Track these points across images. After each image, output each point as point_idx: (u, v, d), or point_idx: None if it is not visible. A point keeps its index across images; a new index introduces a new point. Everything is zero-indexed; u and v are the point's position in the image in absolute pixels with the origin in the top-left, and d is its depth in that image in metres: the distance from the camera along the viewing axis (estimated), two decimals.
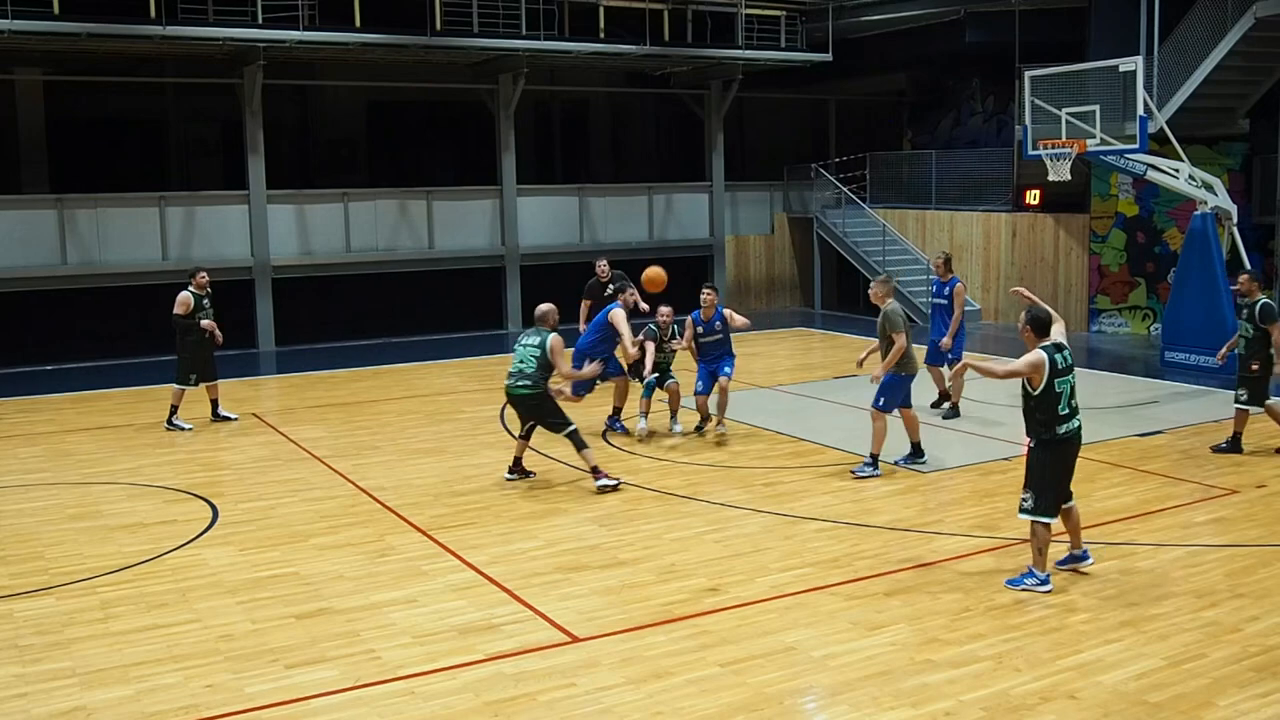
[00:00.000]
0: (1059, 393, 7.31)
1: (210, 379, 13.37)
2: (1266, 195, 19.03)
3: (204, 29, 17.96)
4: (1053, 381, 7.29)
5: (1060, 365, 7.34)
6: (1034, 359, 7.32)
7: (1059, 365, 7.33)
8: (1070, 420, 7.39)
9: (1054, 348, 7.38)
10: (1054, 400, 7.31)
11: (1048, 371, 7.28)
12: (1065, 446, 7.42)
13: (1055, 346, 7.40)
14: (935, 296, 12.96)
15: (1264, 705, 5.77)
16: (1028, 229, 20.93)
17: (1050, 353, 7.34)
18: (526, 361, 9.99)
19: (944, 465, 10.72)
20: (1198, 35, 17.65)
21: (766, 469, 10.81)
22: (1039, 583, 7.36)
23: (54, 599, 7.62)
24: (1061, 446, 7.40)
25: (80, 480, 10.91)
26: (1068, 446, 7.43)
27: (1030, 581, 7.38)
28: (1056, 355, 7.35)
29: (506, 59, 20.80)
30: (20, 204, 18.78)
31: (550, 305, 10.26)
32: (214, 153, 23.70)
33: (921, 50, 23.56)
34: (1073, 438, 7.43)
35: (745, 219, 25.29)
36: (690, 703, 5.91)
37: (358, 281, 21.00)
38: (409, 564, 8.23)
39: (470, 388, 15.62)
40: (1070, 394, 7.38)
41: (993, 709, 5.78)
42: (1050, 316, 7.59)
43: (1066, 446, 7.43)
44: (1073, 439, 7.44)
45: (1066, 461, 7.48)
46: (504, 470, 10.75)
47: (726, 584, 7.67)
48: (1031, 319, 7.50)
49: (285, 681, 6.26)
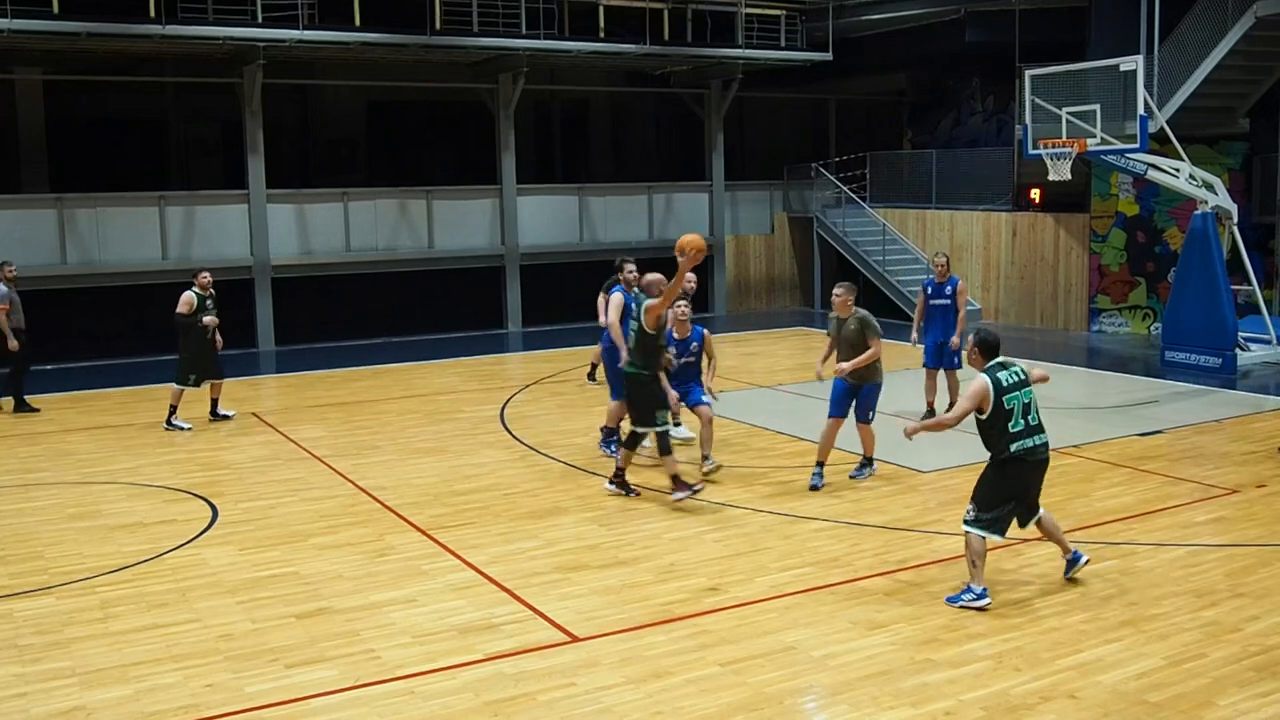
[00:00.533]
0: (1009, 409, 7.10)
1: (215, 377, 13.43)
2: (1267, 195, 19.04)
3: (204, 28, 17.96)
4: (1000, 400, 7.08)
5: (1006, 383, 7.12)
6: (975, 389, 7.11)
7: (1004, 384, 7.11)
8: (1024, 438, 7.12)
9: (998, 365, 7.19)
10: (1003, 418, 7.10)
11: (993, 393, 7.07)
12: (1016, 465, 7.15)
13: (1000, 364, 7.20)
14: (933, 298, 12.80)
15: (1264, 705, 5.77)
16: (1028, 228, 20.93)
17: (993, 372, 7.14)
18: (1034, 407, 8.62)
19: (944, 465, 10.71)
20: (1198, 34, 17.65)
21: (766, 469, 10.81)
22: (975, 597, 7.12)
23: (53, 598, 7.62)
24: (1011, 465, 7.14)
25: (80, 480, 10.91)
26: (1019, 465, 7.15)
27: (967, 597, 7.14)
28: (1001, 373, 7.14)
29: (506, 58, 20.80)
30: (20, 204, 18.79)
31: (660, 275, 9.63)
32: (214, 152, 23.70)
33: (921, 50, 23.55)
34: (1024, 456, 7.13)
35: (745, 219, 25.29)
36: (690, 702, 5.90)
37: (358, 281, 21.00)
38: (409, 564, 8.22)
39: (470, 387, 15.62)
40: (1023, 410, 7.14)
41: (992, 709, 5.78)
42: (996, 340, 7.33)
43: (1018, 465, 7.15)
44: (1024, 457, 7.14)
45: (1021, 480, 7.21)
46: (504, 470, 10.77)
47: (726, 583, 7.66)
48: (979, 341, 7.32)
49: (285, 681, 6.25)
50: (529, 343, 20.34)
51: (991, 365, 7.24)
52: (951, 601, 7.21)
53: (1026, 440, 7.17)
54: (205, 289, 13.24)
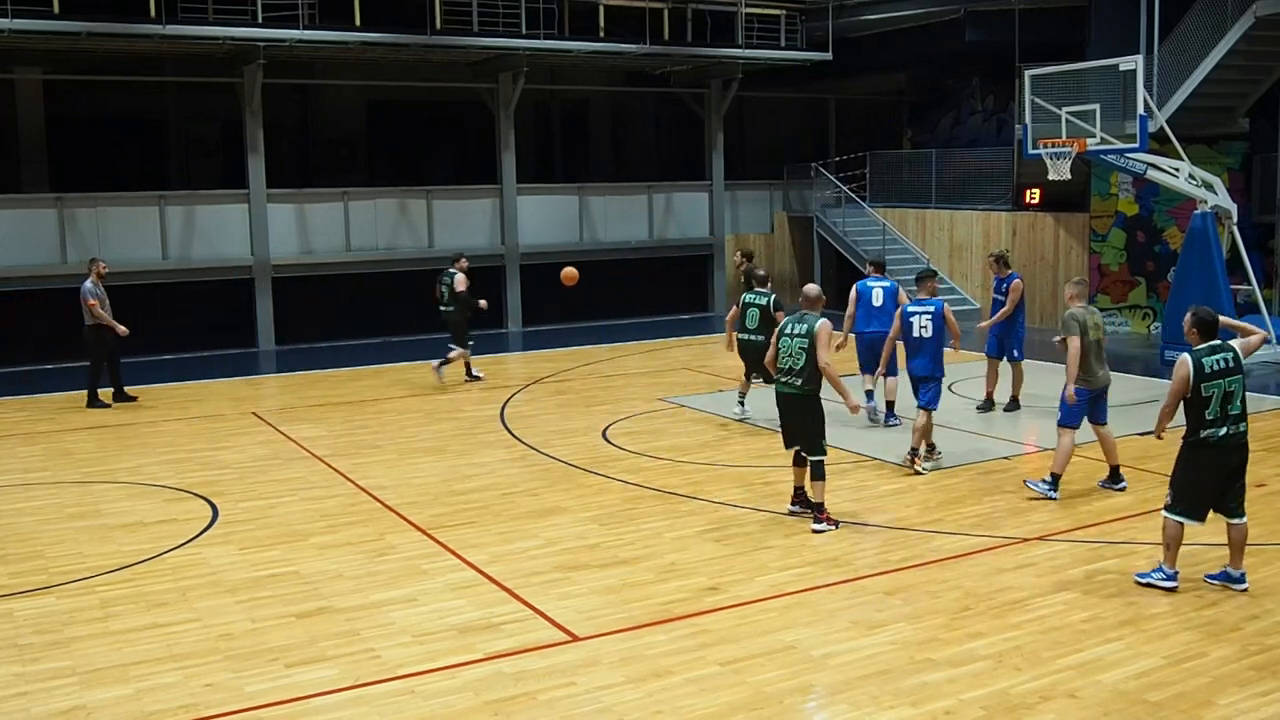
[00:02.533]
0: (1206, 397, 7.21)
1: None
2: (1266, 194, 19.04)
3: (204, 28, 17.96)
4: (1199, 385, 7.19)
5: (1209, 369, 7.21)
6: (1178, 370, 7.27)
7: (1206, 370, 7.21)
8: (1215, 426, 7.25)
9: (1208, 350, 7.29)
10: (1199, 404, 7.23)
11: (1193, 375, 7.18)
12: (1206, 452, 7.30)
13: (1210, 349, 7.30)
14: (995, 292, 13.27)
15: (1264, 704, 5.77)
16: (1028, 228, 20.93)
17: (1198, 356, 7.25)
18: (795, 355, 8.70)
19: (944, 465, 10.71)
20: (1198, 34, 17.65)
21: (766, 468, 10.81)
22: (1164, 578, 7.38)
23: (54, 598, 7.62)
24: (1200, 451, 7.31)
25: (80, 479, 10.91)
26: (1209, 452, 7.30)
27: (1156, 576, 7.42)
28: (1206, 359, 7.24)
29: (506, 58, 20.80)
30: (20, 203, 18.79)
31: (818, 287, 9.17)
32: (214, 152, 23.69)
33: (921, 49, 23.55)
34: (1216, 444, 7.27)
35: (745, 218, 25.30)
36: (690, 702, 5.90)
37: (358, 281, 20.99)
38: (409, 563, 8.22)
39: (470, 387, 15.61)
40: (1223, 399, 7.26)
41: (992, 708, 5.78)
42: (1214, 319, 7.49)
43: (1207, 452, 7.30)
44: (1216, 445, 7.27)
45: (1208, 467, 7.34)
46: (504, 469, 10.76)
47: (726, 583, 7.66)
48: (1197, 320, 7.45)
49: (285, 681, 6.25)
50: (529, 343, 20.34)
51: (1201, 348, 7.32)
52: (1140, 577, 7.47)
53: (1219, 429, 7.28)
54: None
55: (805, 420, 8.79)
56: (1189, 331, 7.46)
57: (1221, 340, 7.41)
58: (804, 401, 8.76)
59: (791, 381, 8.75)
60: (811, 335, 8.61)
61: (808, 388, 8.71)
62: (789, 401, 8.85)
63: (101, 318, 14.13)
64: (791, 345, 8.70)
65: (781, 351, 8.79)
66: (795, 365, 8.68)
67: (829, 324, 8.75)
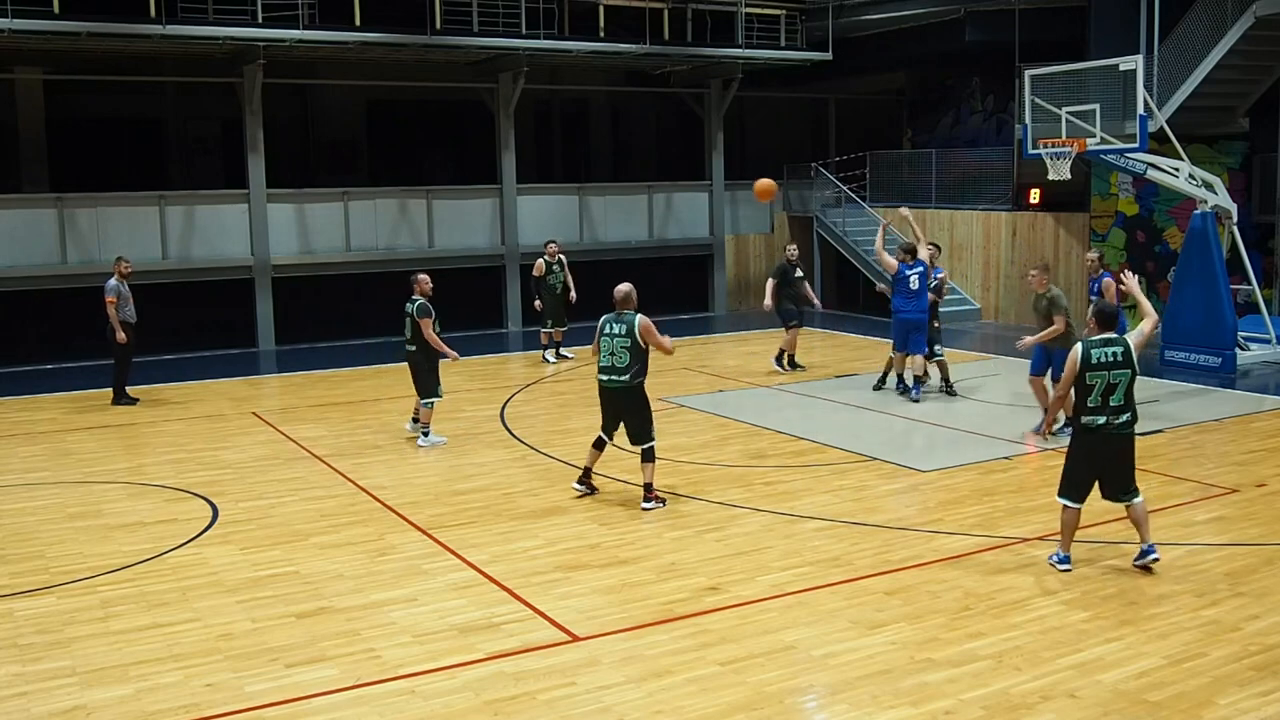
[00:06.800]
0: (1089, 385, 7.48)
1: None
2: (1266, 194, 19.03)
3: (204, 28, 17.95)
4: (1084, 374, 7.49)
5: (1095, 360, 7.48)
6: (1069, 359, 7.63)
7: (1093, 360, 7.48)
8: (1096, 414, 7.51)
9: (1100, 341, 7.58)
10: (1084, 392, 7.51)
11: (1080, 363, 7.49)
12: (1085, 438, 7.62)
13: (1104, 340, 7.59)
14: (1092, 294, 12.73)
15: (1264, 704, 5.77)
16: (1028, 228, 20.93)
17: (1088, 346, 7.54)
18: (617, 354, 9.36)
19: (944, 465, 10.72)
20: (1198, 34, 17.64)
21: (766, 468, 10.81)
22: (1059, 561, 7.78)
23: (54, 598, 7.62)
24: (1080, 436, 7.66)
25: (80, 479, 10.92)
26: (1088, 438, 7.61)
27: (1053, 560, 7.83)
28: (1095, 350, 7.51)
29: (506, 58, 20.80)
30: (20, 203, 18.78)
31: (630, 285, 9.55)
32: (214, 152, 23.69)
33: (921, 49, 23.54)
34: (1094, 430, 7.55)
35: (745, 218, 25.28)
36: (690, 701, 5.91)
37: (358, 281, 20.99)
38: (409, 563, 8.23)
39: (470, 387, 15.62)
40: (1106, 390, 7.49)
41: (992, 708, 5.78)
42: (1114, 311, 7.95)
43: (1086, 438, 7.62)
44: (1094, 431, 7.56)
45: (1085, 453, 7.65)
46: (503, 469, 10.75)
47: (726, 583, 7.67)
48: (1096, 312, 7.86)
49: (285, 680, 6.26)
50: (529, 343, 20.34)
51: (1095, 339, 7.63)
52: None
53: (1098, 417, 7.55)
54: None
55: (634, 411, 9.49)
56: (1088, 321, 7.96)
57: (1118, 335, 7.74)
58: (631, 393, 9.43)
59: (617, 378, 9.39)
60: (633, 333, 9.30)
61: (635, 381, 9.38)
62: (616, 395, 9.49)
63: (111, 316, 14.21)
64: (613, 344, 9.37)
65: (604, 349, 9.44)
66: (619, 363, 9.35)
67: (646, 318, 9.40)
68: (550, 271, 17.32)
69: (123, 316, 14.37)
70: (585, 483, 9.94)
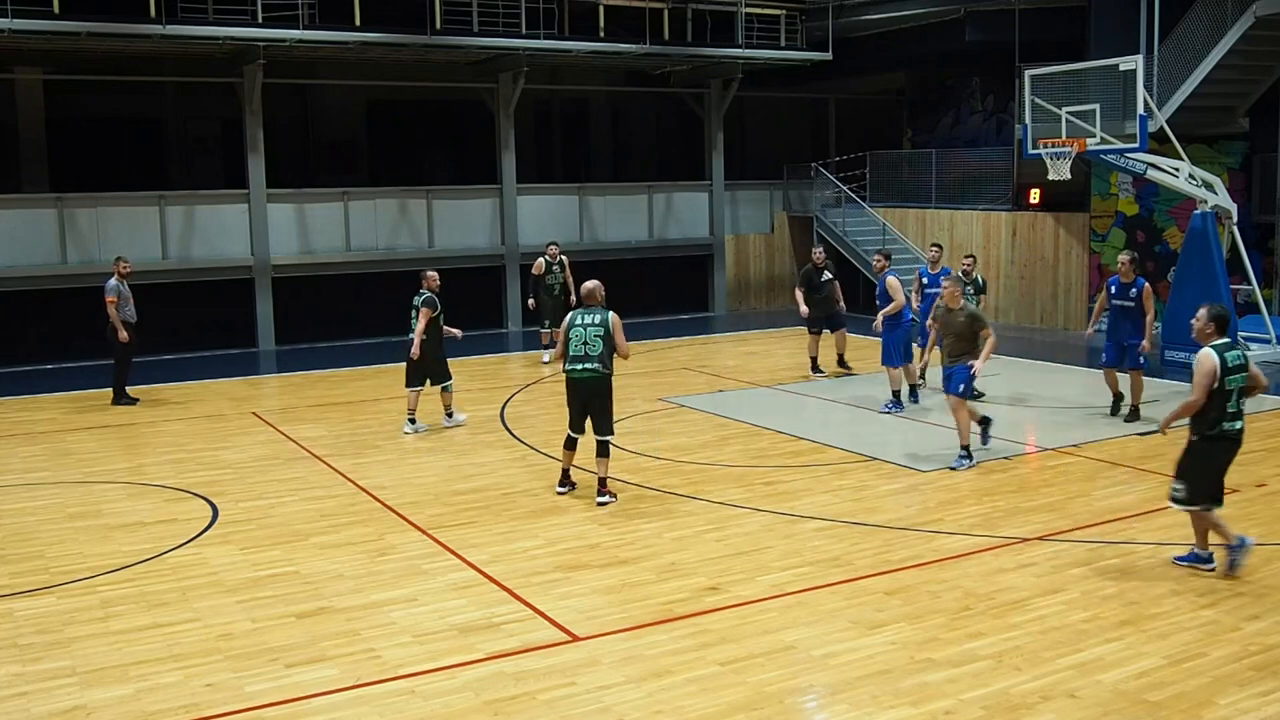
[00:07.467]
0: (1229, 391, 7.44)
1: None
2: (1266, 194, 19.03)
3: (204, 28, 17.95)
4: (1224, 379, 7.41)
5: (1231, 364, 7.44)
6: (1203, 365, 7.46)
7: (1228, 364, 7.43)
8: (1235, 420, 7.54)
9: (1225, 345, 7.51)
10: (1223, 398, 7.44)
11: (1219, 369, 7.40)
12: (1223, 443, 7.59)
13: (1227, 344, 7.53)
14: (1115, 298, 12.60)
15: (1264, 704, 5.77)
16: (1028, 228, 20.93)
17: (1220, 351, 7.46)
18: (591, 343, 9.47)
19: (944, 465, 10.72)
20: (1198, 34, 17.65)
21: (766, 468, 10.81)
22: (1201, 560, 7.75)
23: (54, 598, 7.62)
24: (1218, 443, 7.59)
25: (80, 479, 10.92)
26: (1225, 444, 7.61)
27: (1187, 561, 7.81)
28: (1227, 354, 7.45)
29: (506, 58, 20.80)
30: (20, 203, 18.78)
31: (598, 281, 9.79)
32: (214, 152, 23.68)
33: (921, 49, 23.54)
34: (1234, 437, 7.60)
35: (745, 218, 25.28)
36: (690, 701, 5.91)
37: (358, 281, 20.99)
38: (409, 563, 8.23)
39: (470, 387, 15.62)
40: (1239, 394, 7.50)
41: (993, 708, 5.78)
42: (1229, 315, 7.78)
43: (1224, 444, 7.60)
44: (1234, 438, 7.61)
45: (1223, 458, 7.65)
46: (503, 469, 10.74)
47: (726, 583, 7.67)
48: (1214, 317, 7.62)
49: (285, 680, 6.26)
50: (529, 342, 20.33)
51: (1218, 344, 7.52)
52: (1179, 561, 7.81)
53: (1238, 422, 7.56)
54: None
55: (603, 402, 9.59)
56: (1204, 328, 7.64)
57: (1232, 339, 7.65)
58: (601, 384, 9.52)
59: (590, 366, 9.46)
60: (606, 324, 9.46)
61: (605, 371, 9.49)
62: (586, 385, 9.53)
63: (112, 316, 14.25)
64: (586, 334, 9.48)
65: (574, 340, 9.52)
66: (592, 351, 9.44)
67: (616, 314, 9.56)
68: (549, 271, 17.35)
69: (123, 316, 14.41)
70: (566, 483, 10.03)
